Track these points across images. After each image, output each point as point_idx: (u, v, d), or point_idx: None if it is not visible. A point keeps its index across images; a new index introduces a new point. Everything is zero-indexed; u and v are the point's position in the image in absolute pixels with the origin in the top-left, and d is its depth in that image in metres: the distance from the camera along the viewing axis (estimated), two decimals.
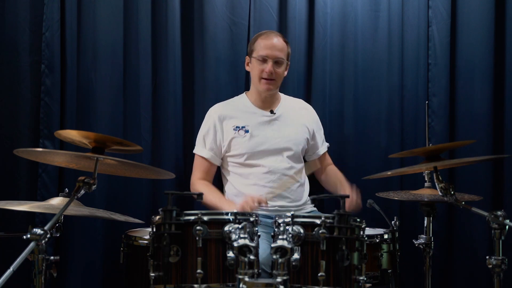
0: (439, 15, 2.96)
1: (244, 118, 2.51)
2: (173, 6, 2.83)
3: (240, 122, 2.50)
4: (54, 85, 2.70)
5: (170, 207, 1.68)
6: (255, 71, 2.49)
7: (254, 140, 2.46)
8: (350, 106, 2.94)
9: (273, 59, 2.45)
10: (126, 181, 2.69)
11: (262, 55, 2.46)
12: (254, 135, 2.47)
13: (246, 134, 2.47)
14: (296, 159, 2.51)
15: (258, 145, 2.45)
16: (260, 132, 2.48)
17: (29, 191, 2.67)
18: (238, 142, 2.47)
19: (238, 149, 2.47)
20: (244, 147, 2.46)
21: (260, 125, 2.50)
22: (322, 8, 2.93)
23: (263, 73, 2.45)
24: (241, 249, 1.58)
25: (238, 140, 2.47)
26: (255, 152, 2.45)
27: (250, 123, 2.49)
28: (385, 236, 2.11)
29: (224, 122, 2.50)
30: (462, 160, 2.31)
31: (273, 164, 2.44)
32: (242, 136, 2.47)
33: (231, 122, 2.50)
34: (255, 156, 2.45)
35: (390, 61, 2.97)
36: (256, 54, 2.48)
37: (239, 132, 2.47)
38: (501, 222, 1.66)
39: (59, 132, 1.82)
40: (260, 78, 2.47)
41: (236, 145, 2.47)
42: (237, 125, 2.49)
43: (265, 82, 2.46)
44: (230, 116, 2.51)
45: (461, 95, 2.98)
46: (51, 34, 2.69)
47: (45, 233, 1.50)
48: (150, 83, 2.82)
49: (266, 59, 2.45)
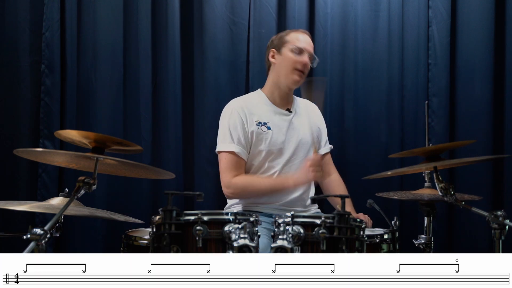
0: (439, 15, 2.96)
1: (266, 114, 2.44)
2: (173, 6, 2.84)
3: (262, 118, 2.42)
4: (54, 85, 2.71)
5: (170, 207, 1.68)
6: (288, 61, 2.42)
7: (275, 138, 2.41)
8: (350, 106, 2.94)
9: (309, 53, 2.43)
10: (126, 181, 2.69)
11: (300, 47, 2.41)
12: (275, 132, 2.41)
13: (268, 130, 2.41)
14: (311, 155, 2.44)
15: (279, 143, 2.41)
16: (280, 130, 2.42)
17: (29, 191, 2.67)
18: (260, 137, 2.39)
19: (260, 145, 2.40)
20: (265, 143, 2.39)
21: (280, 123, 2.44)
22: (322, 8, 2.94)
23: (298, 64, 2.40)
24: (241, 249, 1.58)
25: (261, 135, 2.40)
26: (275, 150, 2.40)
27: (271, 120, 2.43)
28: (385, 236, 2.10)
29: (249, 115, 2.41)
30: (462, 160, 2.30)
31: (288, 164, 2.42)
32: (265, 133, 2.40)
33: (254, 117, 2.42)
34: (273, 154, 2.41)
35: (390, 61, 2.97)
36: (292, 45, 2.42)
37: (261, 128, 2.41)
38: (501, 222, 1.66)
39: (59, 132, 1.82)
40: (294, 69, 2.41)
41: (258, 141, 2.40)
42: (260, 120, 2.42)
43: (298, 73, 2.41)
44: (251, 110, 2.43)
45: (461, 95, 2.99)
46: (51, 34, 2.70)
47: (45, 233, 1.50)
48: (150, 83, 2.83)
49: (303, 51, 2.41)
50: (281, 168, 2.41)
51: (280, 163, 2.41)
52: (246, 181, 2.36)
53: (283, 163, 2.42)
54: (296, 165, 2.43)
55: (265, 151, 2.40)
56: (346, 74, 2.96)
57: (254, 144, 2.40)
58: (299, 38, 2.45)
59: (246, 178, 2.37)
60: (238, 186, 2.35)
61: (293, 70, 2.41)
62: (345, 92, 2.95)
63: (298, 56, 2.41)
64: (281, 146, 2.42)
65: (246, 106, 2.44)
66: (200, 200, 1.80)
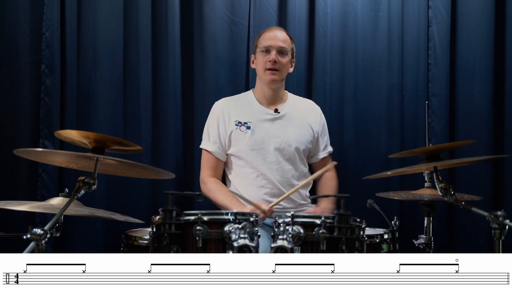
0: (439, 15, 2.96)
1: (247, 114, 2.49)
2: (173, 6, 2.84)
3: (242, 118, 2.48)
4: (54, 85, 2.71)
5: (170, 207, 1.68)
6: (259, 64, 2.49)
7: (255, 137, 2.44)
8: (350, 106, 2.94)
9: (276, 49, 2.44)
10: (126, 181, 2.69)
11: (265, 45, 2.46)
12: (255, 132, 2.45)
13: (247, 130, 2.45)
14: (298, 159, 2.50)
15: (258, 143, 2.44)
16: (262, 130, 2.46)
17: (29, 191, 2.67)
18: (238, 137, 2.45)
19: (238, 144, 2.45)
20: (243, 143, 2.44)
21: (262, 123, 2.47)
22: (322, 8, 2.93)
23: (267, 64, 2.44)
24: (241, 249, 1.58)
25: (239, 135, 2.45)
26: (255, 149, 2.43)
27: (253, 120, 2.47)
28: (385, 236, 2.10)
29: (227, 116, 2.49)
30: (462, 160, 2.30)
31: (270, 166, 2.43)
32: (244, 132, 2.45)
33: (234, 117, 2.48)
34: (253, 154, 2.43)
35: (390, 61, 2.96)
36: (260, 46, 2.48)
37: (240, 128, 2.46)
38: (501, 222, 1.66)
39: (59, 132, 1.82)
40: (264, 70, 2.45)
41: (236, 141, 2.45)
42: (240, 120, 2.47)
43: (270, 72, 2.44)
44: (233, 110, 2.50)
45: (461, 95, 2.98)
46: (51, 34, 2.70)
47: (45, 233, 1.50)
48: (150, 83, 2.82)
49: (269, 49, 2.45)
50: (263, 170, 2.42)
51: (260, 164, 2.43)
52: (212, 188, 2.43)
53: (265, 164, 2.43)
54: (279, 167, 2.44)
55: (244, 151, 2.44)
56: (346, 74, 2.96)
57: (233, 144, 2.46)
58: (265, 37, 2.49)
59: (214, 185, 2.45)
60: (205, 189, 2.46)
61: (264, 71, 2.47)
62: (345, 92, 2.95)
63: (265, 55, 2.46)
64: (261, 147, 2.44)
65: (229, 106, 2.51)
66: (200, 200, 1.81)
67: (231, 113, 2.49)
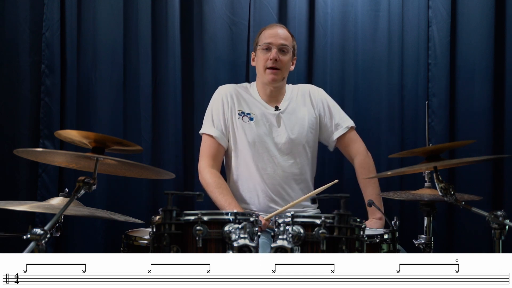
0: (439, 15, 2.96)
1: (250, 106, 2.45)
2: (173, 6, 2.84)
3: (245, 109, 2.44)
4: (54, 85, 2.71)
5: (170, 207, 1.67)
6: (260, 62, 2.43)
7: (257, 130, 2.41)
8: (350, 106, 2.94)
9: (277, 46, 2.39)
10: (126, 181, 2.69)
11: (266, 42, 2.41)
12: (258, 125, 2.42)
13: (250, 121, 2.42)
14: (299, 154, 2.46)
15: (260, 136, 2.41)
16: (263, 125, 2.43)
17: (29, 191, 2.67)
18: (241, 127, 2.41)
19: (242, 135, 2.41)
20: (247, 134, 2.40)
21: (263, 118, 2.44)
22: (322, 8, 2.94)
23: (267, 62, 2.39)
24: (241, 249, 1.58)
25: (242, 125, 2.41)
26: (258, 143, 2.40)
27: (256, 113, 2.44)
28: (385, 236, 2.10)
29: (232, 102, 2.44)
30: (462, 160, 2.30)
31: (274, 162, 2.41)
32: (247, 123, 2.41)
33: (238, 106, 2.44)
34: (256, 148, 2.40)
35: (390, 61, 2.97)
36: (261, 43, 2.43)
37: (243, 118, 2.42)
38: (501, 222, 1.66)
39: (59, 132, 1.82)
40: (265, 68, 2.40)
41: (240, 131, 2.41)
42: (243, 110, 2.44)
43: (270, 71, 2.39)
44: (238, 99, 2.45)
45: (461, 95, 2.98)
46: (51, 34, 2.70)
47: (45, 233, 1.50)
48: (150, 83, 2.83)
49: (270, 46, 2.40)
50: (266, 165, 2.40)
51: (264, 159, 2.40)
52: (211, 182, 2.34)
53: (269, 160, 2.40)
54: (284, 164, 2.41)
55: (248, 144, 2.40)
56: (346, 74, 2.96)
57: (236, 134, 2.42)
58: (266, 34, 2.44)
59: (213, 179, 2.35)
60: (204, 181, 2.37)
61: (265, 70, 2.42)
62: (345, 92, 2.95)
63: (266, 53, 2.41)
64: (264, 140, 2.41)
65: (235, 93, 2.46)
66: (200, 200, 1.80)
67: (235, 101, 2.44)
